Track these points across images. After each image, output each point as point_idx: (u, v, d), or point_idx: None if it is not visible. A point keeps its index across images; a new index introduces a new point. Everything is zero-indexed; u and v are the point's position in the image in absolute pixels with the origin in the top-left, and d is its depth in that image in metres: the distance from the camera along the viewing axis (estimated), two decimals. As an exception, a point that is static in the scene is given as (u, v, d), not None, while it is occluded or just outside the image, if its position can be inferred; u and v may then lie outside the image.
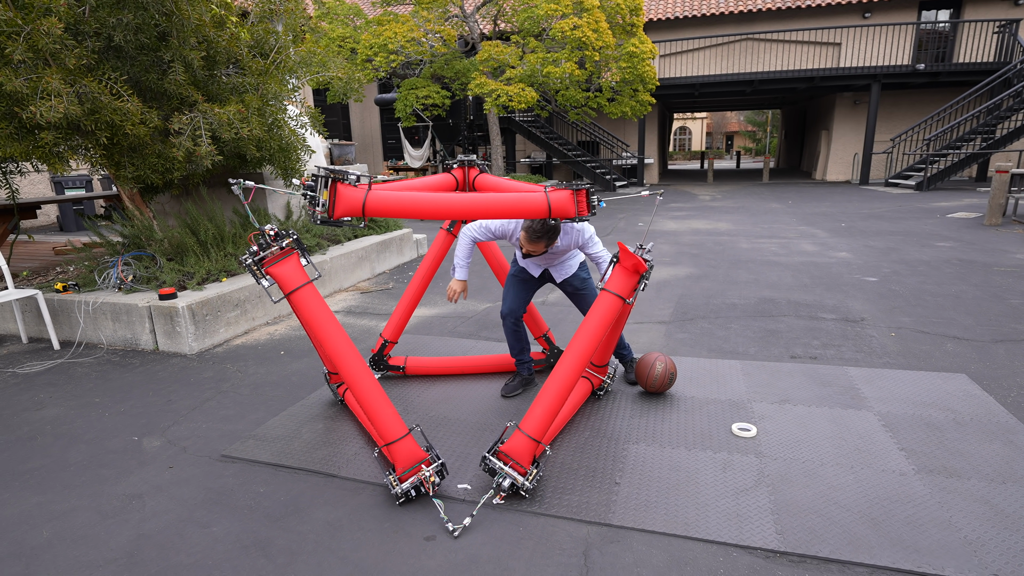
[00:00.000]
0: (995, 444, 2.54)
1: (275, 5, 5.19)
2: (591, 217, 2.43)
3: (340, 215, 2.24)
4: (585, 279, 3.11)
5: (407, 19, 11.54)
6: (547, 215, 2.30)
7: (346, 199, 2.23)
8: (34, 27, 3.39)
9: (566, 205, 2.29)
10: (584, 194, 2.31)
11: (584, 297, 3.15)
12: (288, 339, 4.26)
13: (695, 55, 16.66)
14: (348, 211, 2.24)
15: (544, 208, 2.28)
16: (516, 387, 3.23)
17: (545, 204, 2.28)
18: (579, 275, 3.10)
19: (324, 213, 2.22)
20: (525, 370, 3.26)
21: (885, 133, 16.47)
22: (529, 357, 3.26)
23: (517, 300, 3.12)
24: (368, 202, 2.23)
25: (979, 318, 4.21)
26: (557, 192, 2.30)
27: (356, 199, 2.23)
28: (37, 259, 5.98)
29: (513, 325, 3.15)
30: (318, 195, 2.20)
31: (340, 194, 2.23)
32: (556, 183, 2.36)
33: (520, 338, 3.19)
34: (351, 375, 2.28)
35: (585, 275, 3.12)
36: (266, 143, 4.81)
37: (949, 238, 7.37)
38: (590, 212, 2.33)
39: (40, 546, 2.09)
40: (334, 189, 2.22)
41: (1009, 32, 14.20)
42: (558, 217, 2.33)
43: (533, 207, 2.28)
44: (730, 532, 2.03)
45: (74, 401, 3.32)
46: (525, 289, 3.13)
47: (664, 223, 9.61)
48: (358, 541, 2.05)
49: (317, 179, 2.21)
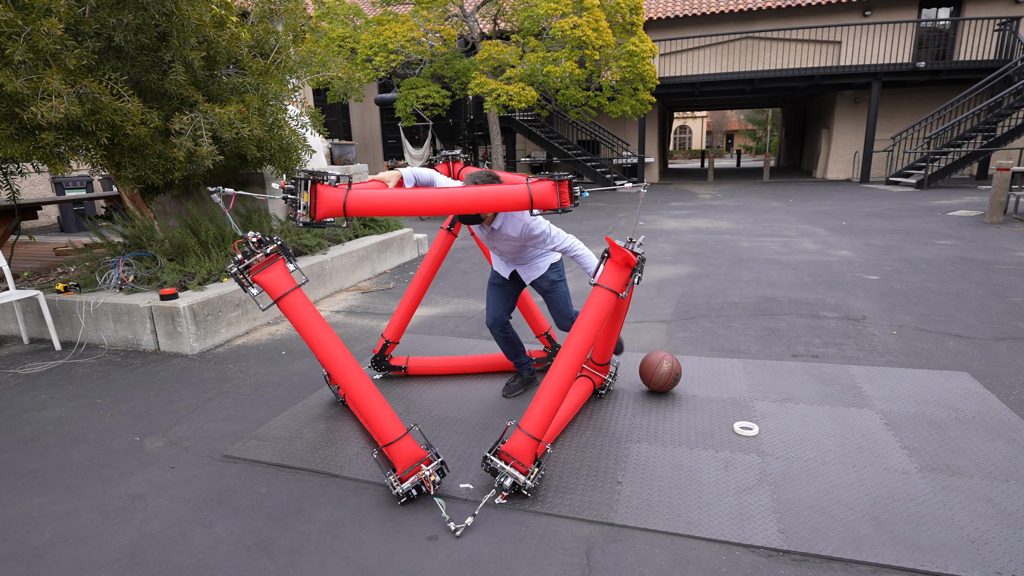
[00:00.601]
0: (998, 442, 2.54)
1: (275, 5, 5.18)
2: (574, 208, 2.40)
3: (322, 216, 2.25)
4: (555, 282, 2.99)
5: (407, 19, 11.53)
6: (529, 207, 2.30)
7: (327, 200, 2.24)
8: (34, 28, 3.39)
9: (548, 196, 2.29)
10: (566, 184, 2.31)
11: (553, 300, 3.03)
12: (289, 339, 4.26)
13: (695, 54, 16.64)
14: (329, 212, 2.24)
15: (526, 199, 2.28)
16: (517, 387, 3.22)
17: (527, 195, 2.28)
18: (548, 276, 2.98)
19: (306, 216, 2.23)
20: (525, 371, 3.25)
21: (886, 131, 16.46)
22: (527, 358, 3.24)
23: (499, 308, 3.07)
24: (348, 201, 2.24)
25: (981, 316, 4.20)
26: (539, 183, 2.30)
27: (337, 199, 2.24)
28: (38, 260, 5.98)
29: (501, 332, 3.11)
30: (299, 197, 2.21)
31: (321, 195, 2.24)
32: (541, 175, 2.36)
33: (512, 343, 3.16)
34: (345, 378, 2.28)
35: (556, 277, 2.99)
36: (267, 143, 4.80)
37: (950, 236, 7.36)
38: (572, 203, 2.33)
39: (42, 546, 2.09)
40: (314, 191, 2.23)
41: (1009, 30, 14.17)
42: (540, 208, 2.32)
43: (515, 199, 2.28)
44: (733, 531, 2.02)
45: (76, 402, 3.32)
46: (503, 295, 3.07)
47: (665, 222, 9.60)
48: (360, 541, 2.05)
49: (297, 182, 2.21)
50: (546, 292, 3.02)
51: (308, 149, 5.51)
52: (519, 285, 3.08)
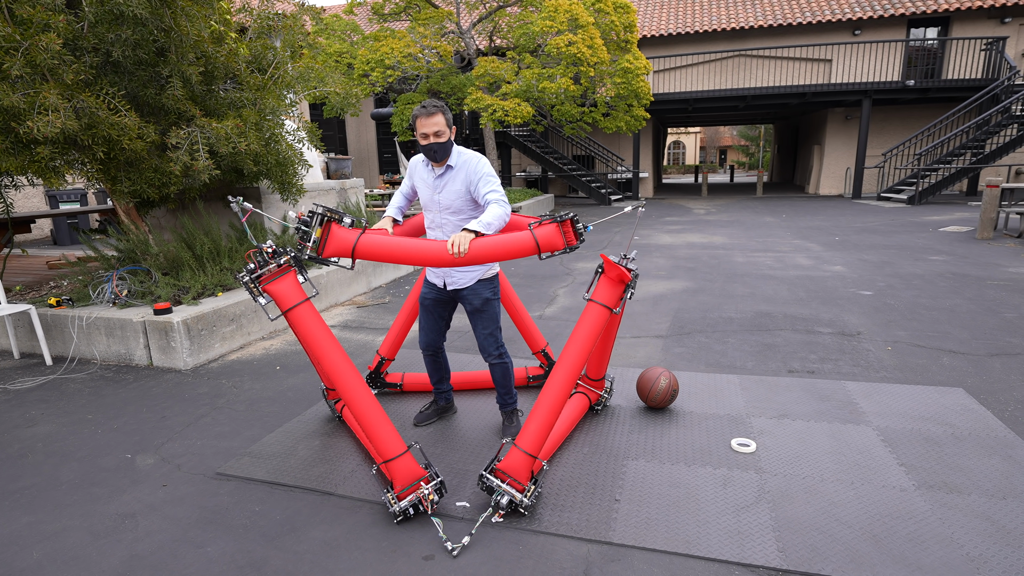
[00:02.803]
0: (994, 459, 2.54)
1: (273, 21, 5.22)
2: (580, 245, 2.41)
3: (329, 254, 2.30)
4: (488, 299, 2.69)
5: (404, 35, 11.64)
6: (537, 252, 2.29)
7: (338, 240, 2.30)
8: (32, 43, 3.40)
9: (553, 238, 2.31)
10: (569, 224, 2.32)
11: (481, 322, 2.72)
12: (284, 354, 4.23)
13: (689, 71, 16.85)
14: (337, 252, 2.30)
15: (532, 245, 2.30)
16: (430, 415, 3.08)
17: (532, 242, 2.29)
18: (480, 293, 2.68)
19: (313, 251, 2.28)
20: (442, 399, 3.10)
21: (877, 148, 16.66)
22: (448, 387, 3.08)
23: (432, 331, 2.84)
24: (359, 246, 2.29)
25: (974, 332, 4.23)
26: (542, 228, 2.32)
27: (347, 241, 2.30)
28: (30, 273, 5.94)
29: (432, 357, 2.92)
30: (311, 231, 2.27)
31: (333, 235, 2.30)
32: (545, 216, 2.36)
33: (439, 368, 2.98)
34: (349, 392, 2.27)
35: (489, 295, 2.69)
36: (263, 157, 4.81)
37: (942, 252, 7.42)
38: (578, 240, 2.34)
39: (30, 567, 2.04)
40: (327, 229, 2.28)
41: (996, 49, 14.44)
42: (548, 252, 2.31)
43: (522, 246, 2.30)
44: (731, 550, 2.01)
45: (66, 418, 3.27)
46: (434, 316, 2.82)
47: (659, 237, 9.65)
48: (356, 561, 2.02)
49: (313, 216, 2.27)
50: (477, 310, 2.70)
51: (305, 163, 5.52)
52: (452, 304, 2.82)
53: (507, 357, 2.82)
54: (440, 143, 2.47)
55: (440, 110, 2.46)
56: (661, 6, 18.44)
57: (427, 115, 2.43)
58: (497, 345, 2.77)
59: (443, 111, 2.48)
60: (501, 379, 2.84)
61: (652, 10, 18.28)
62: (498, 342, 2.77)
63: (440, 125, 2.45)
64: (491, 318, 2.73)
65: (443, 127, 2.45)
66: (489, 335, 2.75)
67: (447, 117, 2.49)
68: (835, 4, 16.14)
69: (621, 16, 12.14)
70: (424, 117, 2.44)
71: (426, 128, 2.44)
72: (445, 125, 2.46)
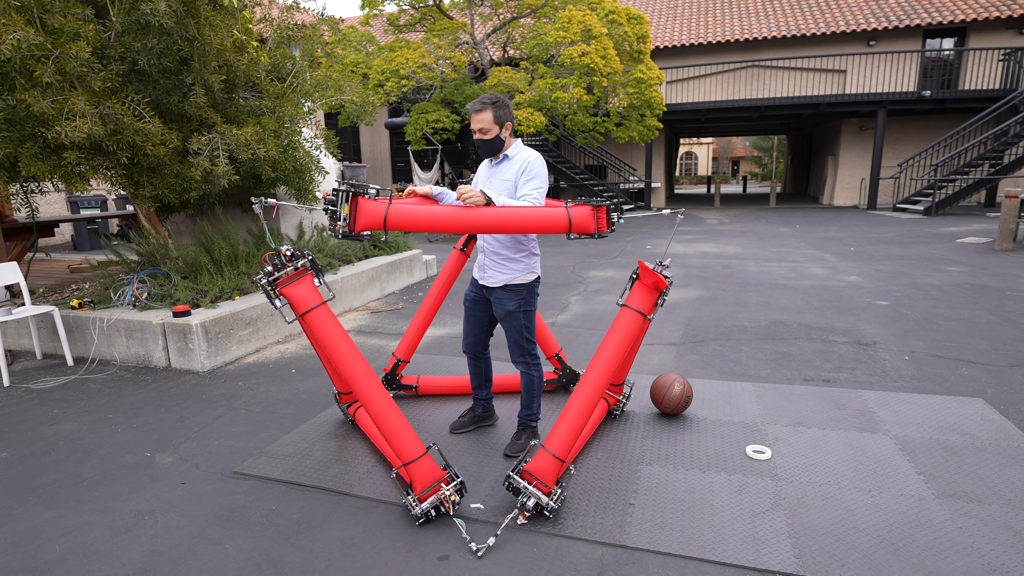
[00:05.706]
0: (1015, 469, 2.50)
1: (293, 31, 5.33)
2: (610, 234, 2.42)
3: (361, 228, 2.25)
4: (511, 312, 2.63)
5: (418, 45, 11.79)
6: (568, 230, 2.32)
7: (367, 213, 2.24)
8: (63, 51, 3.50)
9: (586, 221, 2.32)
10: (604, 211, 2.33)
11: (505, 326, 2.68)
12: (299, 357, 4.27)
13: (701, 81, 16.87)
14: (369, 224, 2.24)
15: (564, 222, 2.31)
16: (466, 423, 3.02)
17: (566, 219, 2.31)
18: (504, 303, 2.62)
19: (345, 227, 2.22)
20: (479, 406, 3.04)
21: (892, 158, 16.53)
22: (487, 394, 3.02)
23: (472, 334, 2.85)
24: (389, 215, 2.24)
25: (994, 342, 4.17)
26: (577, 208, 2.34)
27: (378, 213, 2.24)
28: (53, 277, 6.06)
29: (473, 361, 2.92)
30: (339, 209, 2.21)
31: (362, 208, 2.23)
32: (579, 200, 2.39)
33: (479, 372, 2.94)
34: (367, 395, 2.28)
35: (512, 307, 2.62)
36: (281, 164, 4.89)
37: (960, 263, 7.34)
38: (609, 228, 2.35)
39: (53, 560, 2.08)
40: (355, 203, 2.22)
41: (1014, 60, 14.32)
42: (578, 232, 2.34)
43: (554, 221, 2.31)
44: (747, 555, 2.00)
45: (87, 417, 3.33)
46: (475, 318, 2.81)
47: (672, 246, 9.63)
48: (371, 560, 2.04)
49: (338, 193, 2.21)
50: (502, 319, 2.68)
51: (321, 170, 5.59)
52: (489, 305, 2.77)
53: (534, 369, 2.75)
54: (484, 139, 2.48)
55: (489, 106, 2.44)
56: (674, 17, 18.51)
57: (475, 110, 2.44)
58: (521, 353, 2.72)
59: (494, 107, 2.44)
60: (524, 388, 2.80)
61: (665, 21, 18.36)
62: (522, 350, 2.71)
63: (485, 122, 2.44)
64: (514, 328, 2.68)
65: (488, 124, 2.44)
66: (513, 343, 2.72)
67: (498, 114, 2.45)
68: (849, 15, 16.11)
69: (634, 27, 12.21)
70: (473, 112, 2.44)
71: (473, 123, 2.46)
72: (492, 122, 2.44)
